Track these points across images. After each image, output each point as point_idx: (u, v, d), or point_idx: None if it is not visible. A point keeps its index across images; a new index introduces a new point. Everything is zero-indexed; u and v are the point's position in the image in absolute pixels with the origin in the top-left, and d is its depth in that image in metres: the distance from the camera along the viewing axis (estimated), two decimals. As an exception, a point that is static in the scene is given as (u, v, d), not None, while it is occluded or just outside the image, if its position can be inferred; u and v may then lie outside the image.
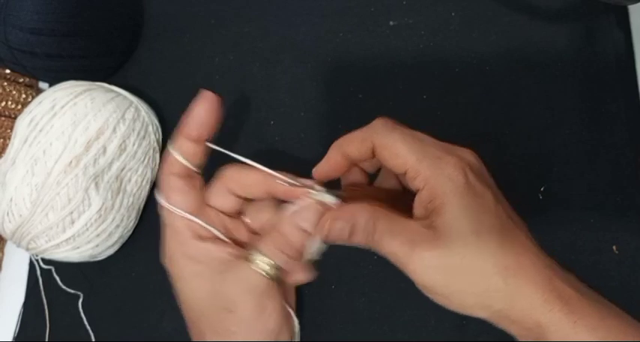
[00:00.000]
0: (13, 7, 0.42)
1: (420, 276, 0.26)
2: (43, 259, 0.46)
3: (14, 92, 0.51)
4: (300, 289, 0.41)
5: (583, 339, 0.24)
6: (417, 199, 0.27)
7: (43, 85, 0.54)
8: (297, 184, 0.30)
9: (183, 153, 0.31)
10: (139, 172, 0.43)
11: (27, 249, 0.41)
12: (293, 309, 0.33)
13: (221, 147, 0.32)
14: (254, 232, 0.33)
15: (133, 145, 0.41)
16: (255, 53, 0.45)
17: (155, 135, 0.44)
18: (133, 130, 0.41)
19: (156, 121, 0.44)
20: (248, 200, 0.33)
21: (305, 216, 0.29)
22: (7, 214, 0.39)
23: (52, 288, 0.46)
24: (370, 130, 0.29)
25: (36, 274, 0.47)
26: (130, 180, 0.42)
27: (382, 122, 0.29)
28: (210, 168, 0.33)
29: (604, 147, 0.36)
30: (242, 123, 0.45)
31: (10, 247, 0.51)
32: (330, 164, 0.30)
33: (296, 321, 0.33)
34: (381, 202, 0.29)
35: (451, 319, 0.37)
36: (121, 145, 0.40)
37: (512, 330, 0.26)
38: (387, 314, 0.38)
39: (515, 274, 0.25)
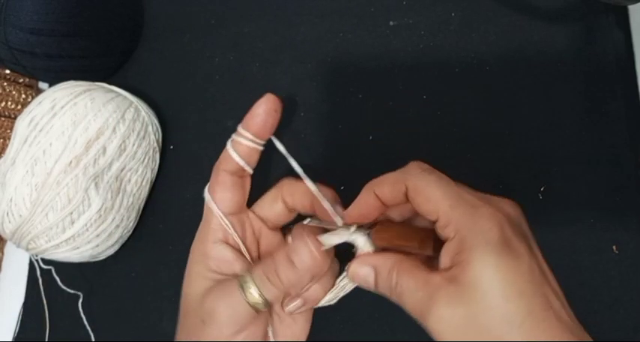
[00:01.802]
0: (13, 7, 0.42)
1: (438, 334, 0.24)
2: (43, 260, 0.46)
3: (14, 92, 0.51)
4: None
5: None
6: (445, 247, 0.25)
7: (42, 85, 0.54)
8: (334, 214, 0.30)
9: (239, 151, 0.32)
10: (139, 172, 0.43)
11: (27, 249, 0.41)
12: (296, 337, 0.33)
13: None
14: None
15: (133, 145, 0.41)
16: (255, 53, 0.45)
17: (155, 135, 0.44)
18: (133, 131, 0.41)
19: (156, 122, 0.44)
20: (293, 213, 0.33)
21: (297, 251, 0.28)
22: (7, 214, 0.39)
23: (52, 288, 0.46)
24: (404, 172, 0.28)
25: (36, 274, 0.47)
26: (129, 180, 0.42)
27: (418, 165, 0.28)
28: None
29: (604, 147, 0.36)
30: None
31: (10, 247, 0.51)
32: (362, 207, 0.29)
33: None
34: (410, 242, 0.28)
35: (451, 319, 0.37)
36: (120, 145, 0.40)
37: None
38: (387, 314, 0.38)
39: None
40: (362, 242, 0.29)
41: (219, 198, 0.32)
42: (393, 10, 0.42)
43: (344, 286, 0.32)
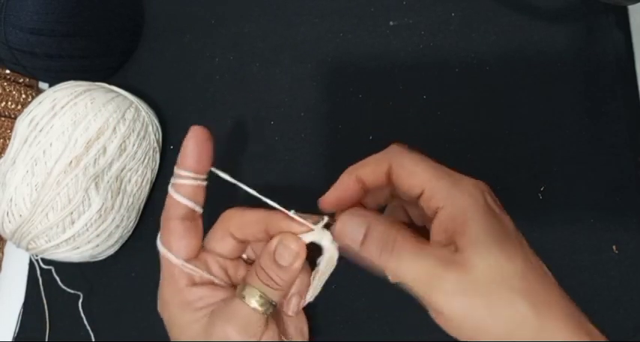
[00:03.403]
0: (13, 7, 0.42)
1: (446, 305, 0.24)
2: (43, 259, 0.46)
3: (14, 92, 0.51)
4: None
5: None
6: (435, 222, 0.25)
7: (43, 85, 0.54)
8: (296, 218, 0.29)
9: (184, 193, 0.30)
10: (139, 172, 0.43)
11: (27, 249, 0.41)
12: (305, 336, 0.33)
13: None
14: None
15: (133, 145, 0.41)
16: (255, 53, 0.45)
17: (155, 135, 0.44)
18: (133, 131, 0.41)
19: (156, 122, 0.44)
20: (246, 244, 0.32)
21: (280, 252, 0.28)
22: (7, 214, 0.39)
23: (52, 288, 0.46)
24: (386, 152, 0.28)
25: (36, 274, 0.47)
26: (129, 180, 0.42)
27: (399, 146, 0.28)
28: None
29: (604, 147, 0.36)
30: (242, 123, 0.45)
31: (10, 247, 0.51)
32: (341, 190, 0.28)
33: None
34: None
35: (451, 319, 0.37)
36: (121, 145, 0.40)
37: None
38: (387, 314, 0.38)
39: (545, 305, 0.23)
40: (328, 241, 0.29)
41: (176, 248, 0.30)
42: (393, 10, 0.42)
43: (322, 273, 0.32)
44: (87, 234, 0.40)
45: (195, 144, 0.30)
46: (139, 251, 0.46)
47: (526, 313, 0.23)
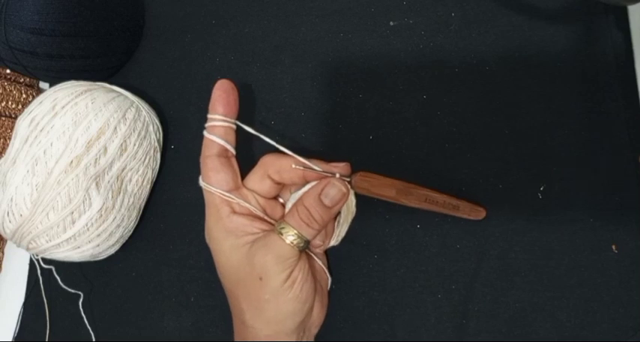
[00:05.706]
0: (14, 7, 0.42)
1: None
2: (43, 259, 0.46)
3: (15, 92, 0.51)
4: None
5: None
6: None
7: (43, 85, 0.54)
8: (321, 170, 0.34)
9: (217, 134, 0.35)
10: (140, 172, 0.43)
11: (27, 249, 0.41)
12: (326, 268, 0.38)
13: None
14: None
15: (134, 145, 0.41)
16: (255, 53, 0.45)
17: (156, 135, 0.44)
18: (134, 130, 0.41)
19: (157, 121, 0.44)
20: (282, 185, 0.37)
21: (326, 192, 0.33)
22: (8, 214, 0.39)
23: (53, 288, 0.46)
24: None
25: (36, 274, 0.47)
26: (130, 180, 0.42)
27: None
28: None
29: (604, 147, 0.36)
30: (242, 123, 0.45)
31: (10, 247, 0.51)
32: None
33: (329, 279, 0.38)
34: (388, 193, 0.35)
35: (451, 318, 0.37)
36: (121, 145, 0.40)
37: None
38: (387, 314, 0.38)
39: None
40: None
41: (215, 180, 0.35)
42: (393, 10, 0.42)
43: (344, 217, 0.36)
44: (87, 234, 0.40)
45: (223, 91, 0.36)
46: (139, 251, 0.46)
47: None
